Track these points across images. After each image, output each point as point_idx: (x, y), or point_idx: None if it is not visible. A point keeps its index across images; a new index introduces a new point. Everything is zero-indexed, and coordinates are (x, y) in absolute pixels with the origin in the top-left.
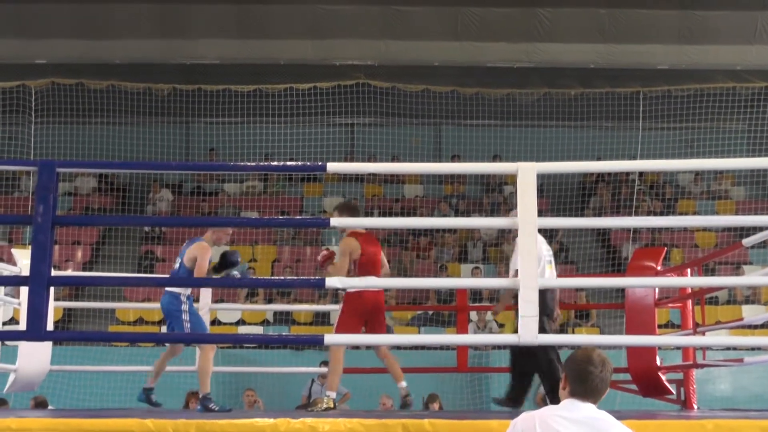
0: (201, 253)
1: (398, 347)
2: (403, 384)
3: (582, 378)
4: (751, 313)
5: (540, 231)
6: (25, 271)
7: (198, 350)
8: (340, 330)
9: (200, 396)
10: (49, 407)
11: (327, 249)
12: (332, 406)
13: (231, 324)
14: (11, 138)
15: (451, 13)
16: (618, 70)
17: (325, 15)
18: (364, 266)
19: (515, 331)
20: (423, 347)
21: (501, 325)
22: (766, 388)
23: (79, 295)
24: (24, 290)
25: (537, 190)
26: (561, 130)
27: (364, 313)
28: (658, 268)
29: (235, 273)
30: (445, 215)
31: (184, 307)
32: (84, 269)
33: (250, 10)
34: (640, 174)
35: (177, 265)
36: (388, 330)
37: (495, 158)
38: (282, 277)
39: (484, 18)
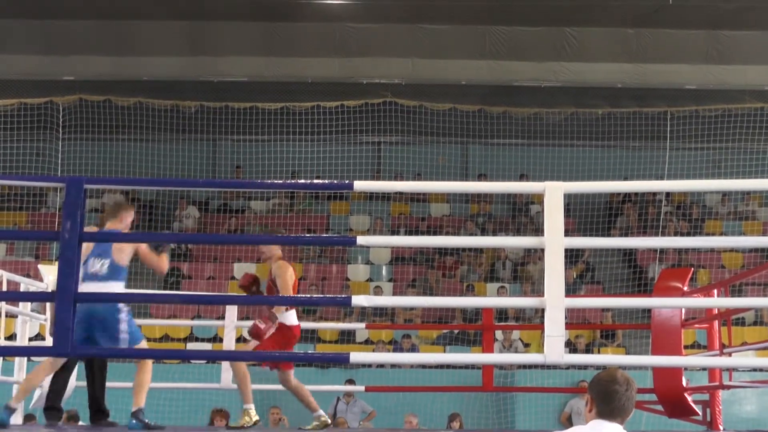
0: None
1: (424, 366)
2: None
3: (608, 398)
4: None
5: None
6: (52, 287)
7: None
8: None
9: (133, 410)
10: (80, 423)
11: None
12: (257, 418)
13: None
14: (39, 154)
15: (479, 32)
16: (645, 90)
17: (352, 33)
18: None
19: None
20: (448, 366)
21: (527, 345)
22: None
23: None
24: (50, 306)
25: (564, 210)
26: (588, 150)
27: (289, 346)
28: (685, 288)
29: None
30: (471, 234)
31: (122, 315)
32: None
33: (277, 28)
34: (667, 194)
35: (101, 265)
36: (413, 349)
37: (521, 177)
38: (308, 295)
39: (512, 37)
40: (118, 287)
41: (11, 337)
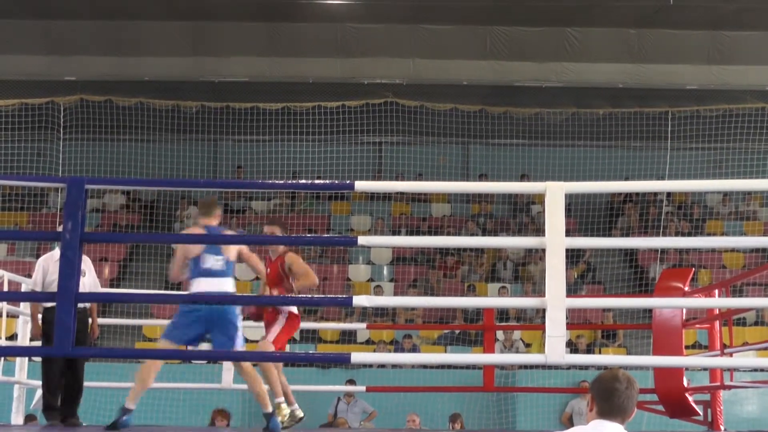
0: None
1: (425, 366)
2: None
3: (608, 396)
4: None
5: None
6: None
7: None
8: (276, 346)
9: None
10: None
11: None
12: (294, 415)
13: (257, 341)
14: (40, 154)
15: (480, 32)
16: (646, 90)
17: (353, 33)
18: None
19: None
20: (449, 366)
21: (528, 345)
22: None
23: (106, 311)
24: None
25: (565, 210)
26: (589, 150)
27: (293, 332)
28: (686, 288)
29: None
30: (472, 234)
31: (239, 317)
32: (111, 286)
33: (279, 29)
34: (668, 194)
35: (217, 261)
36: (414, 349)
37: (522, 177)
38: (309, 295)
39: (513, 37)
40: (231, 282)
41: (12, 337)
